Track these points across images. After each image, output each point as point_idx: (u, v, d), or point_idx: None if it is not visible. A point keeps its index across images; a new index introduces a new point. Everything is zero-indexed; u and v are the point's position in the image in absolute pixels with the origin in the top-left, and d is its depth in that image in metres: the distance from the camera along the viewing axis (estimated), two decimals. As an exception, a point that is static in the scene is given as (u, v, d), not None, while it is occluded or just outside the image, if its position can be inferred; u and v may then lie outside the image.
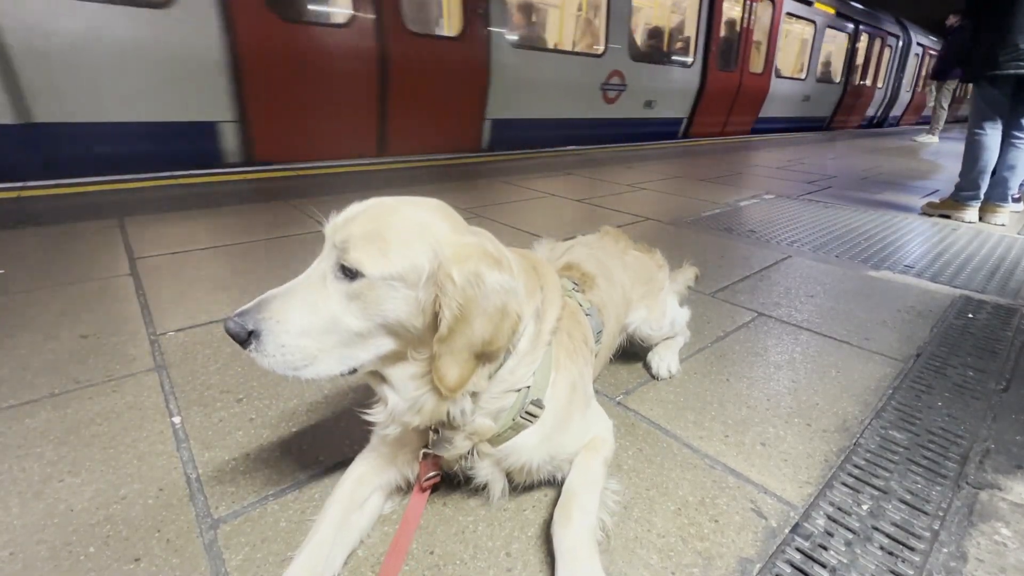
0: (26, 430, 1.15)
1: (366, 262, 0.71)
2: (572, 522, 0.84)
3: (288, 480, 1.03)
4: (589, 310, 1.11)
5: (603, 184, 4.33)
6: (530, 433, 0.88)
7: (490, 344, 0.76)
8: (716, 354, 1.62)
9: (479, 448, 0.87)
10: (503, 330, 0.76)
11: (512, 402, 0.86)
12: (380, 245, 0.72)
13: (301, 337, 0.73)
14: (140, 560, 0.85)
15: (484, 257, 0.75)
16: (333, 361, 0.76)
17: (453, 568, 0.86)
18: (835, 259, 2.60)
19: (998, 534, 0.97)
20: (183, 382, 1.35)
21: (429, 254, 0.73)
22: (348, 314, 0.74)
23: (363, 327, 0.75)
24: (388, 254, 0.72)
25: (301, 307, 0.74)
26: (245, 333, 0.72)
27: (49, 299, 1.79)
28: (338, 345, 0.75)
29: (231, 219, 2.83)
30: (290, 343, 0.73)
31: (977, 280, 2.35)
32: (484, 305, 0.73)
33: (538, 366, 0.88)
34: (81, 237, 2.43)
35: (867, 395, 1.42)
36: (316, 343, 0.74)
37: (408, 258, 0.72)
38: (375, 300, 0.73)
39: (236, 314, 0.73)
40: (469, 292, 0.72)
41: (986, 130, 3.31)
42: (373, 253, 0.72)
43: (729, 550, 0.91)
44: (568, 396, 0.93)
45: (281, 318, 0.73)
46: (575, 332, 0.99)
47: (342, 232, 0.74)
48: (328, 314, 0.74)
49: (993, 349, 1.70)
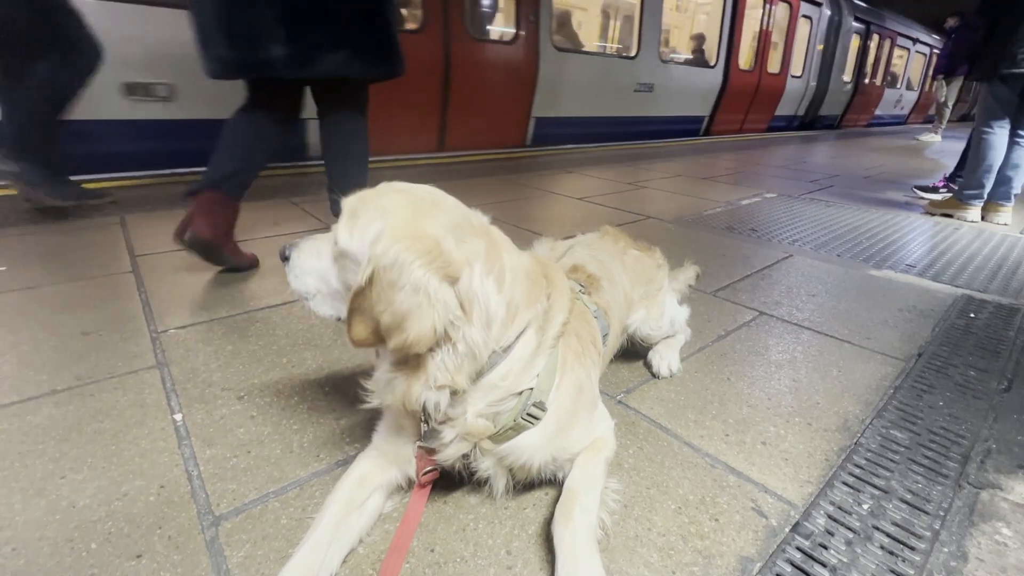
0: (28, 427, 1.15)
1: (339, 234, 0.81)
2: (573, 521, 0.84)
3: (289, 478, 1.04)
4: (596, 312, 1.10)
5: (604, 182, 4.33)
6: (533, 434, 0.88)
7: (389, 334, 0.74)
8: (717, 353, 1.61)
9: (481, 446, 0.87)
10: (394, 338, 0.74)
11: (512, 405, 0.85)
12: (352, 222, 0.79)
13: (307, 275, 0.90)
14: (142, 557, 0.85)
15: (425, 253, 0.72)
16: (327, 305, 0.90)
17: (454, 566, 0.86)
18: (837, 258, 2.60)
19: (999, 534, 0.97)
20: (184, 379, 1.35)
21: (374, 235, 0.75)
22: (331, 272, 0.87)
23: (340, 287, 0.86)
24: (353, 231, 0.79)
25: (313, 253, 0.90)
26: (284, 256, 0.92)
27: (50, 296, 1.79)
28: (328, 295, 0.89)
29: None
30: (301, 276, 0.90)
31: (979, 280, 2.34)
32: (394, 297, 0.72)
33: (542, 369, 0.87)
34: (82, 234, 2.43)
35: (868, 394, 1.41)
36: (315, 285, 0.89)
37: (361, 238, 0.77)
38: (343, 268, 0.83)
39: (288, 244, 0.93)
40: (388, 275, 0.72)
41: (994, 129, 3.29)
42: (345, 228, 0.80)
43: (729, 549, 0.91)
44: (574, 398, 0.92)
45: (301, 255, 0.91)
46: (583, 333, 0.98)
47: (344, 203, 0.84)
48: (323, 266, 0.88)
49: (995, 349, 1.69)
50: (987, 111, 3.31)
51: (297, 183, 3.70)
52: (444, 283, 0.74)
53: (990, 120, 3.30)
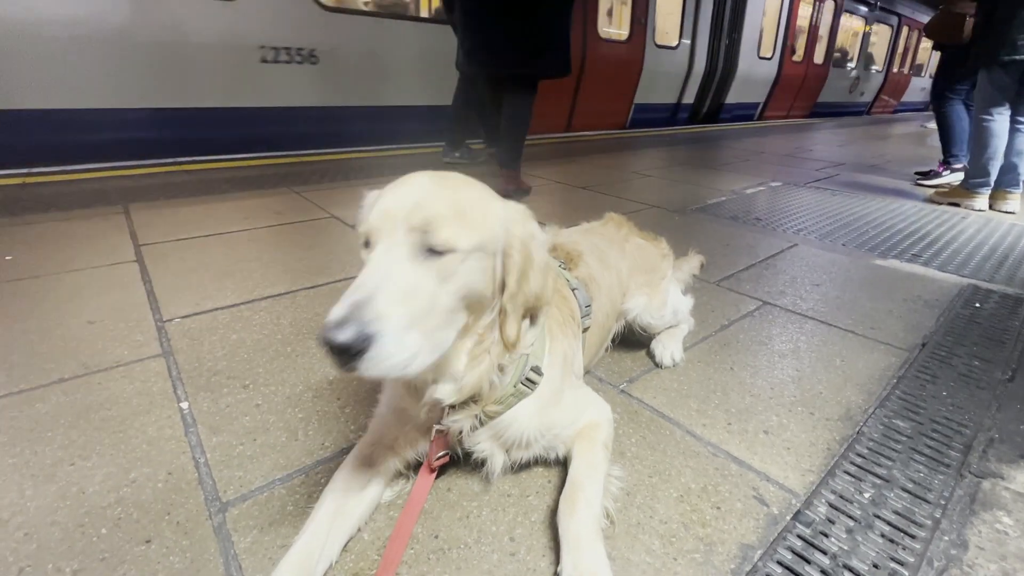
0: (37, 414, 1.16)
1: (457, 237, 0.72)
2: (577, 512, 0.85)
3: (295, 465, 1.05)
4: (576, 285, 1.14)
5: (608, 171, 4.30)
6: (527, 403, 0.91)
7: (539, 299, 0.85)
8: (720, 342, 1.61)
9: (486, 411, 0.89)
10: (548, 283, 0.86)
11: (513, 370, 0.88)
12: (464, 220, 0.74)
13: (411, 331, 0.67)
14: (151, 542, 0.87)
15: (529, 217, 0.84)
16: (429, 350, 0.71)
17: (458, 552, 0.88)
18: (841, 247, 2.58)
19: (999, 522, 0.98)
20: (190, 368, 1.36)
21: (498, 222, 0.79)
22: (440, 295, 0.72)
23: (454, 303, 0.74)
24: (472, 227, 0.75)
25: (402, 299, 0.67)
26: (363, 341, 0.63)
27: (56, 285, 1.80)
28: (435, 329, 0.72)
29: (234, 205, 2.83)
30: (405, 340, 0.67)
31: (985, 269, 2.33)
32: (537, 260, 0.82)
33: (536, 335, 0.92)
34: (87, 224, 2.44)
35: (871, 384, 1.41)
36: (421, 333, 0.69)
37: (488, 228, 0.78)
38: (464, 272, 0.74)
39: (334, 325, 0.63)
40: (527, 250, 0.81)
41: (994, 116, 3.25)
42: (461, 228, 0.73)
43: (731, 536, 0.92)
44: (561, 366, 0.98)
45: (388, 314, 0.65)
46: (563, 307, 1.06)
47: (419, 214, 0.71)
48: (427, 298, 0.70)
49: (1000, 339, 1.69)
50: (986, 98, 3.26)
51: (299, 172, 3.69)
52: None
53: (989, 107, 3.26)
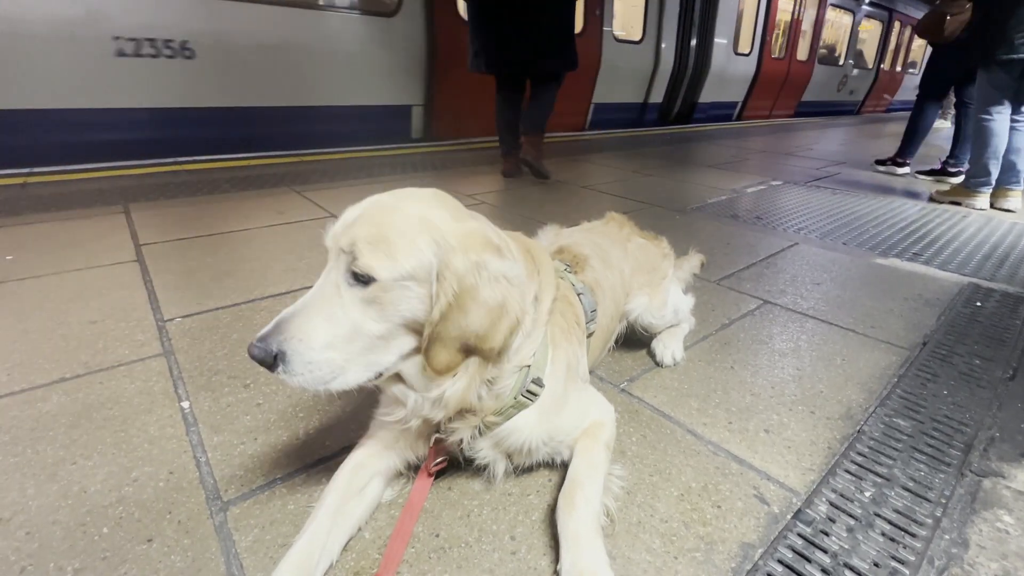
0: (39, 414, 1.17)
1: (376, 267, 0.71)
2: (576, 509, 0.85)
3: (296, 464, 1.05)
4: (581, 289, 1.12)
5: (606, 170, 4.29)
6: (528, 413, 0.90)
7: (483, 340, 0.75)
8: (721, 342, 1.61)
9: (485, 422, 0.88)
10: (500, 329, 0.75)
11: (513, 382, 0.87)
12: (386, 248, 0.71)
13: (326, 351, 0.72)
14: (152, 541, 0.87)
15: (487, 245, 0.76)
16: (360, 369, 0.75)
17: (458, 551, 0.88)
18: (842, 246, 2.58)
19: (1000, 521, 0.98)
20: (191, 367, 1.36)
21: (433, 248, 0.73)
22: (367, 319, 0.73)
23: (384, 329, 0.74)
24: (395, 256, 0.71)
25: (321, 321, 0.73)
26: (271, 357, 0.71)
27: (57, 285, 1.81)
28: (363, 352, 0.74)
29: (235, 204, 2.83)
30: (316, 358, 0.72)
31: (986, 268, 2.32)
32: (484, 296, 0.73)
33: (538, 346, 0.89)
34: (87, 224, 2.44)
35: (872, 383, 1.41)
36: (342, 354, 0.73)
37: (415, 256, 0.72)
38: (391, 302, 0.73)
39: (257, 339, 0.71)
40: (468, 280, 0.72)
41: (993, 115, 3.25)
42: (381, 257, 0.71)
43: (731, 535, 0.92)
44: (564, 375, 0.95)
45: (303, 335, 0.72)
46: (567, 313, 1.02)
47: (346, 237, 0.73)
48: (349, 323, 0.73)
49: (1001, 338, 1.69)
50: (986, 97, 3.26)
51: (299, 172, 3.69)
52: (507, 261, 0.77)
53: (988, 106, 3.26)
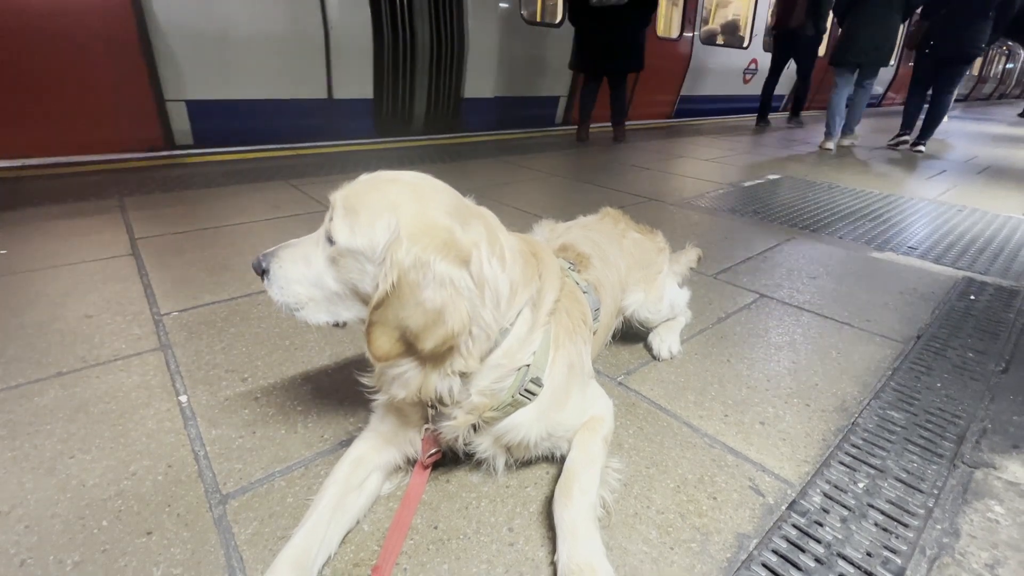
0: (36, 408, 1.16)
1: (337, 232, 0.77)
2: (572, 500, 0.86)
3: (294, 457, 1.05)
4: (586, 288, 1.12)
5: (605, 167, 4.28)
6: (528, 410, 0.90)
7: (417, 339, 0.74)
8: (717, 335, 1.62)
9: (483, 418, 0.88)
10: (433, 335, 0.73)
11: (510, 382, 0.87)
12: (352, 218, 0.76)
13: (295, 284, 0.85)
14: (152, 534, 0.87)
15: (442, 246, 0.73)
16: (321, 311, 0.86)
17: (457, 542, 0.88)
18: (838, 240, 2.59)
19: (991, 511, 0.99)
20: (188, 361, 1.36)
21: (388, 233, 0.73)
22: (327, 275, 0.82)
23: (339, 289, 0.83)
24: (355, 228, 0.76)
25: (298, 259, 0.85)
26: (261, 269, 0.86)
27: (53, 279, 1.80)
28: (324, 300, 0.85)
29: (231, 198, 2.82)
30: (287, 287, 0.85)
31: (980, 262, 2.34)
32: (425, 296, 0.72)
33: (537, 346, 0.89)
34: (82, 217, 2.42)
35: (867, 376, 1.43)
36: (306, 292, 0.85)
37: (368, 235, 0.75)
38: (345, 267, 0.80)
39: (262, 254, 0.87)
40: (411, 276, 0.72)
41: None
42: (345, 224, 0.77)
43: (727, 526, 0.93)
44: (566, 374, 0.94)
45: (283, 264, 0.85)
46: (573, 311, 1.01)
47: (337, 196, 0.81)
48: (314, 272, 0.83)
49: (994, 331, 1.70)
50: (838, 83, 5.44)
51: (294, 165, 3.67)
52: (463, 269, 0.75)
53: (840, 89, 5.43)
